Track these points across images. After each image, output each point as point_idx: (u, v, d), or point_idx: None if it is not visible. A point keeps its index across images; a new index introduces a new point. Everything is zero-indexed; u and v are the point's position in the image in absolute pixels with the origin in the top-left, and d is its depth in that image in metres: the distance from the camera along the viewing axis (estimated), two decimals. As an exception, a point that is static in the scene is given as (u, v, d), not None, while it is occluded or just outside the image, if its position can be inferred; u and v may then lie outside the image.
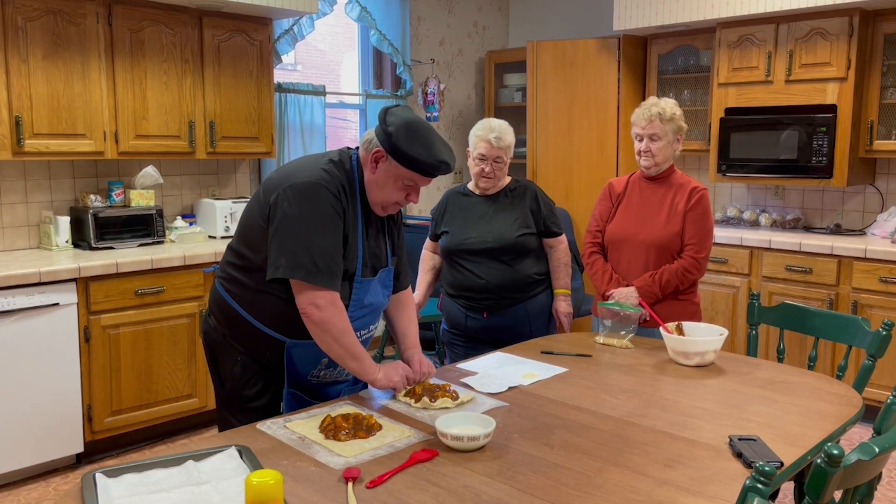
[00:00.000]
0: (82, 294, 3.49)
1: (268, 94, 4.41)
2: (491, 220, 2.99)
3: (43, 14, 3.55)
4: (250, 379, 2.17)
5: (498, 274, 2.94)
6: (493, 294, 2.95)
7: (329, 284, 1.99)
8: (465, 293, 3.00)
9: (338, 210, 2.03)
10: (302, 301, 1.99)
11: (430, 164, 2.04)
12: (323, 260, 1.98)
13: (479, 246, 2.95)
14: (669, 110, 2.86)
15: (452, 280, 3.04)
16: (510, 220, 2.97)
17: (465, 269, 2.98)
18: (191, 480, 1.58)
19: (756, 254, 4.48)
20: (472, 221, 3.01)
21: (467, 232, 2.99)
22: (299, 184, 2.02)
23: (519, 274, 2.96)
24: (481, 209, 3.03)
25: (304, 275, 1.97)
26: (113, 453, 3.75)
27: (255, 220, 2.09)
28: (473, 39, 6.06)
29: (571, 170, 5.37)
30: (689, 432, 1.89)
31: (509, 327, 2.98)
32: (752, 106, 4.64)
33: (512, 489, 1.58)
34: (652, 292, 2.83)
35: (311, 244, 1.98)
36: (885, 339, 2.52)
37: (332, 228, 2.02)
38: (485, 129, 2.94)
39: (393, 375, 2.09)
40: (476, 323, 3.01)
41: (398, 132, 2.02)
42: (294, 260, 1.97)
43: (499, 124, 2.96)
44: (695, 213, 2.88)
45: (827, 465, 1.39)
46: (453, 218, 3.06)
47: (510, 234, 2.94)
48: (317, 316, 1.98)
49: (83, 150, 3.74)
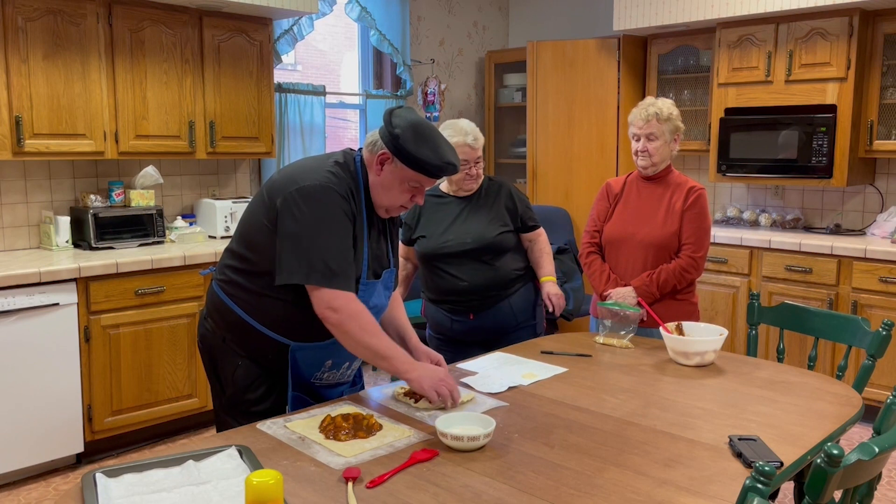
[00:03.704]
0: (82, 294, 3.49)
1: (268, 94, 4.41)
2: (467, 221, 2.93)
3: (43, 14, 3.55)
4: (252, 383, 2.14)
5: (480, 274, 2.88)
6: (477, 295, 2.90)
7: (345, 286, 1.97)
8: (449, 297, 2.93)
9: (347, 212, 2.01)
10: (319, 305, 1.97)
11: (438, 166, 2.03)
12: (337, 262, 1.96)
13: (458, 248, 2.88)
14: (666, 110, 2.86)
15: (434, 285, 2.97)
16: (487, 219, 2.93)
17: (445, 273, 2.91)
18: (191, 480, 1.58)
19: (756, 254, 4.48)
20: (449, 224, 2.95)
21: (444, 235, 2.92)
22: (308, 187, 1.99)
23: (500, 272, 2.91)
24: (456, 210, 2.97)
25: (320, 279, 1.95)
26: (113, 453, 3.75)
27: (259, 222, 2.06)
28: (473, 39, 6.06)
29: (571, 170, 5.37)
30: (689, 432, 1.89)
31: (496, 325, 2.93)
32: (752, 106, 4.64)
33: (512, 489, 1.58)
34: (650, 292, 2.83)
35: (323, 248, 1.95)
36: (885, 339, 2.52)
37: (343, 231, 2.00)
38: (458, 133, 2.85)
39: (426, 382, 1.99)
40: (462, 325, 2.95)
41: (405, 134, 2.00)
42: (308, 265, 1.94)
43: (469, 125, 2.89)
44: (692, 212, 2.88)
45: (827, 465, 1.39)
46: (429, 221, 2.98)
47: (489, 233, 2.89)
48: (335, 319, 1.96)
49: (83, 150, 3.74)
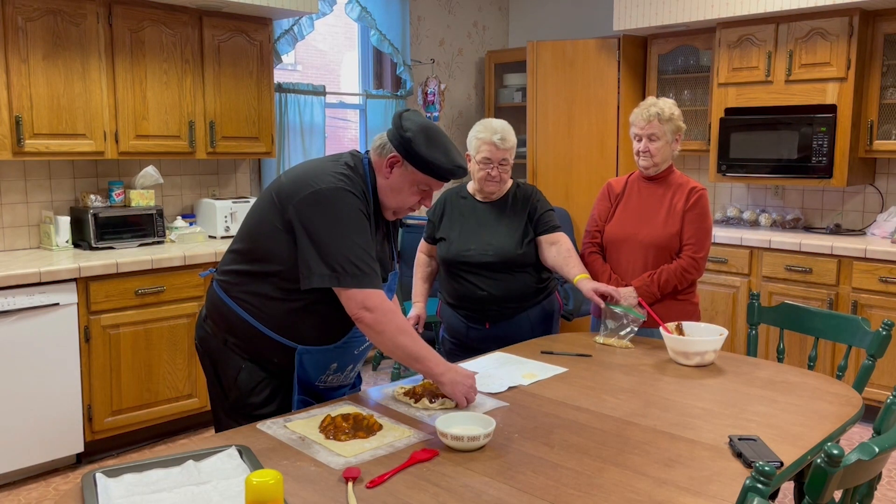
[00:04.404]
0: (82, 294, 3.49)
1: (268, 94, 4.41)
2: (491, 230, 2.86)
3: (43, 14, 3.55)
4: (256, 386, 2.13)
5: (499, 285, 2.83)
6: (496, 305, 2.85)
7: (376, 284, 1.97)
8: (466, 304, 2.89)
9: (364, 212, 2.01)
10: (352, 307, 1.96)
11: (448, 169, 2.03)
12: (364, 262, 1.95)
13: (478, 259, 2.83)
14: (668, 110, 2.86)
15: (452, 290, 2.93)
16: (511, 232, 2.85)
17: (465, 281, 2.87)
18: (191, 480, 1.58)
19: (756, 254, 4.48)
20: (472, 230, 2.88)
21: (467, 243, 2.86)
22: (324, 190, 1.97)
23: (521, 283, 2.85)
24: (481, 216, 2.91)
25: (351, 281, 1.94)
26: (113, 453, 3.75)
27: (268, 224, 2.03)
28: (473, 39, 6.06)
29: (571, 170, 5.37)
30: (689, 432, 1.89)
31: (512, 336, 2.87)
32: (752, 106, 4.64)
33: (512, 489, 1.58)
34: (651, 292, 2.83)
35: (348, 249, 1.94)
36: (885, 339, 2.52)
37: (364, 230, 1.99)
38: (487, 130, 2.79)
39: (458, 388, 2.01)
40: (478, 333, 2.91)
41: (416, 137, 2.00)
42: (335, 268, 1.93)
43: (501, 124, 2.81)
44: (693, 212, 2.88)
45: (827, 465, 1.39)
46: (452, 224, 2.93)
47: (511, 248, 2.82)
48: (371, 319, 1.95)
49: (83, 150, 3.74)
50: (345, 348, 2.15)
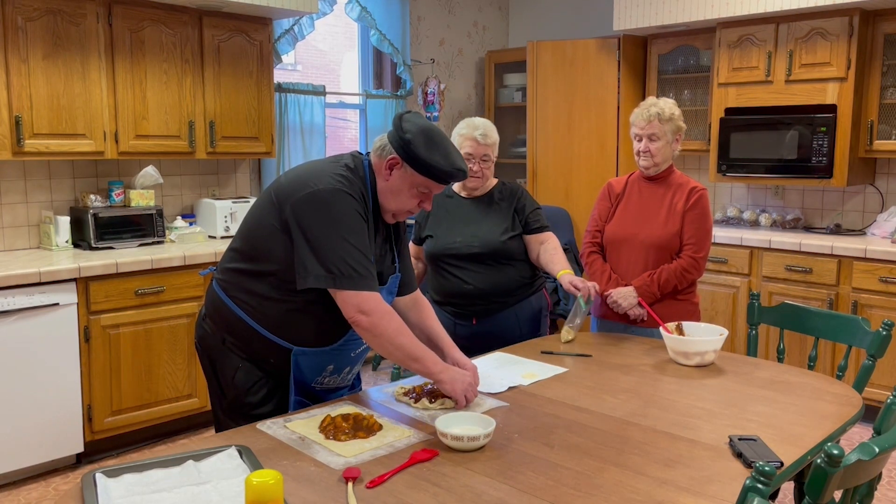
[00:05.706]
0: (82, 294, 3.49)
1: (268, 94, 4.41)
2: (477, 224, 2.91)
3: (43, 14, 3.55)
4: (253, 386, 2.13)
5: (486, 278, 2.86)
6: (482, 299, 2.87)
7: (371, 287, 1.96)
8: (453, 300, 2.92)
9: (362, 213, 2.01)
10: (348, 309, 1.95)
11: (448, 172, 2.02)
12: (361, 264, 1.95)
13: (464, 250, 2.86)
14: (668, 110, 2.86)
15: (439, 286, 2.96)
16: (496, 224, 2.90)
17: (451, 275, 2.89)
18: (191, 480, 1.58)
19: (756, 254, 4.48)
20: (458, 225, 2.92)
21: (453, 236, 2.90)
22: (321, 190, 1.97)
23: (507, 277, 2.88)
24: (467, 212, 2.95)
25: (346, 283, 1.93)
26: (113, 453, 3.75)
27: (266, 224, 2.03)
28: (473, 39, 6.06)
29: (571, 170, 5.37)
30: (689, 432, 1.89)
31: (499, 333, 2.89)
32: (752, 106, 4.64)
33: (512, 489, 1.58)
34: (651, 292, 2.83)
35: (345, 251, 1.94)
36: (885, 339, 2.52)
37: (361, 232, 1.98)
38: (469, 126, 2.87)
39: (458, 386, 2.01)
40: (465, 330, 2.92)
41: (416, 139, 1.99)
42: (331, 269, 1.93)
43: (482, 122, 2.89)
44: (694, 212, 2.88)
45: (827, 465, 1.39)
46: (438, 221, 2.96)
47: (496, 238, 2.86)
48: (367, 322, 1.94)
49: (83, 150, 3.74)
50: (341, 350, 2.15)
